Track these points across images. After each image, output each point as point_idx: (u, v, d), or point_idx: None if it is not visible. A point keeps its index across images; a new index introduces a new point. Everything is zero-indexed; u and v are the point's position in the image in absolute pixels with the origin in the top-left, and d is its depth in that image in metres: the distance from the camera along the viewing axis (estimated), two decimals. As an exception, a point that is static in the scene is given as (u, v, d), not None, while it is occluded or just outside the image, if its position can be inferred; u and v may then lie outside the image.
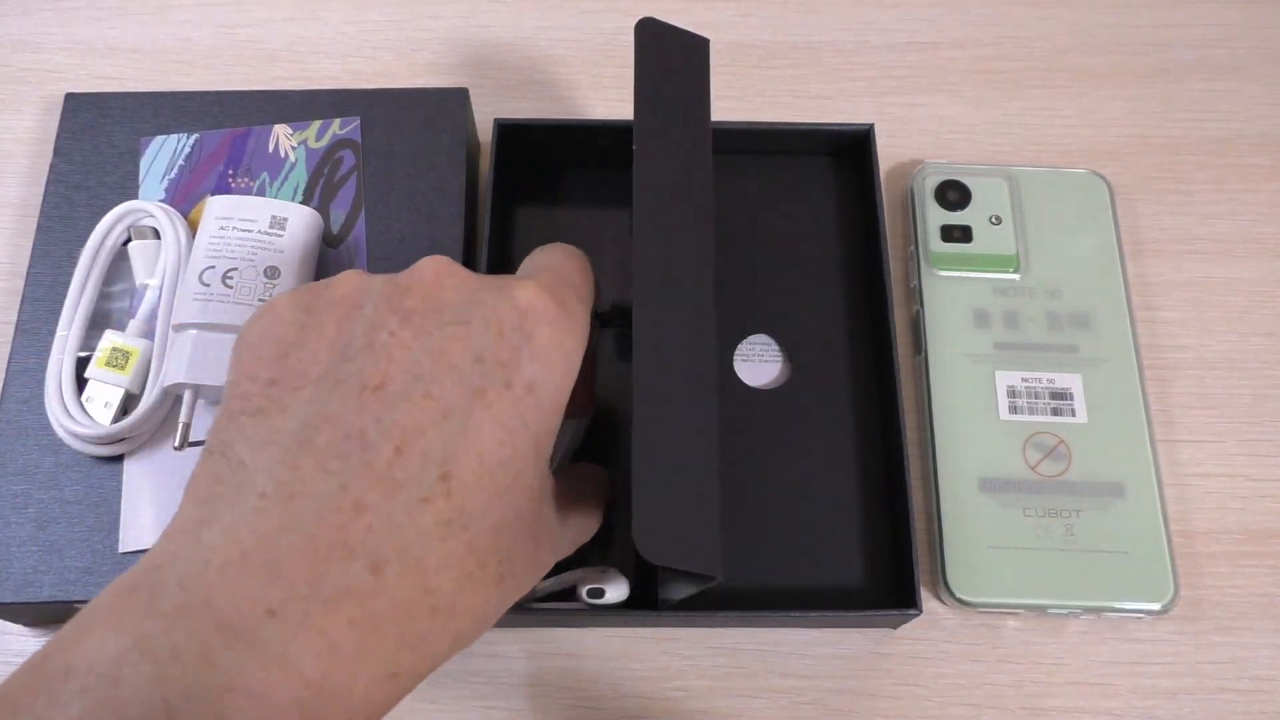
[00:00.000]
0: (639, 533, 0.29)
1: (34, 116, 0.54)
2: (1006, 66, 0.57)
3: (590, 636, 0.44)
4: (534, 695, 0.43)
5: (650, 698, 0.43)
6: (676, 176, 0.36)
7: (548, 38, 0.56)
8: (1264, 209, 0.53)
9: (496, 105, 0.54)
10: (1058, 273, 0.49)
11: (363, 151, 0.49)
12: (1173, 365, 0.49)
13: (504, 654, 0.44)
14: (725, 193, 0.51)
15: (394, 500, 0.24)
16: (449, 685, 0.43)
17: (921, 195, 0.51)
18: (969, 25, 0.57)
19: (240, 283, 0.42)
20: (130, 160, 0.48)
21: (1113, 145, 0.54)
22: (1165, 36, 0.57)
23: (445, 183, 0.48)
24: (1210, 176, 0.54)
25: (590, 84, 0.55)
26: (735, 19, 0.57)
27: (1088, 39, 0.57)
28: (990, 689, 0.43)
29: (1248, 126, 0.55)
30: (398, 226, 0.47)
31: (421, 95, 0.50)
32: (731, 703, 0.43)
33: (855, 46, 0.57)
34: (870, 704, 0.43)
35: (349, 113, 0.49)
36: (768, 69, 0.56)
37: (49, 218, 0.47)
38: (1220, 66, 0.57)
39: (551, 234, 0.50)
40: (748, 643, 0.44)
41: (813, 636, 0.44)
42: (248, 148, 0.49)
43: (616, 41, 0.56)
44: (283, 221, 0.44)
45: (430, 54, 0.56)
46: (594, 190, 0.51)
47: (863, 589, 0.44)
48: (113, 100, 0.50)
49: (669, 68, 0.38)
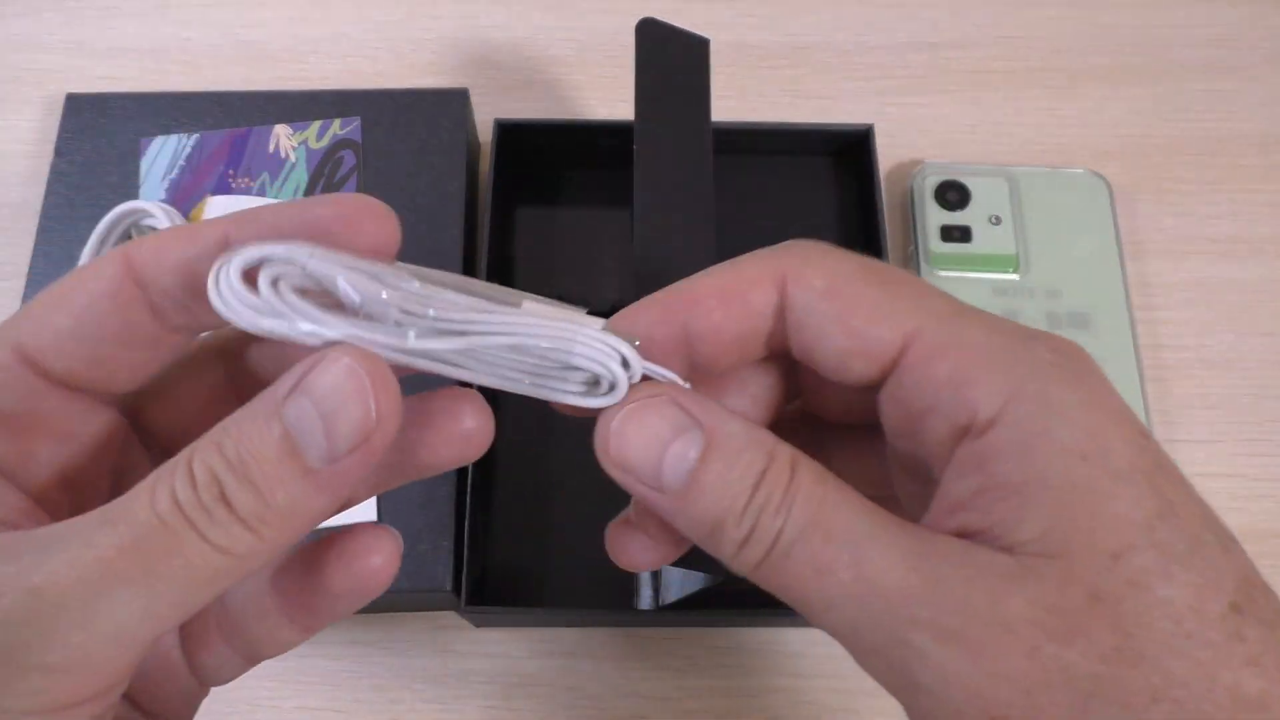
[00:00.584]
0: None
1: (35, 117, 0.54)
2: (1006, 66, 0.57)
3: (590, 636, 0.44)
4: (534, 695, 0.43)
5: (650, 698, 0.43)
6: (676, 176, 0.36)
7: (548, 38, 0.57)
8: (1264, 209, 0.53)
9: (496, 105, 0.54)
10: (1057, 273, 0.49)
11: (363, 152, 0.49)
12: (1173, 365, 0.49)
13: (504, 654, 0.44)
14: (725, 193, 0.51)
15: None
16: (449, 685, 0.43)
17: (921, 195, 0.51)
18: (969, 25, 0.57)
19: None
20: (131, 160, 0.48)
21: (1113, 145, 0.54)
22: (1165, 37, 0.57)
23: (445, 183, 0.48)
24: (1210, 176, 0.54)
25: (590, 84, 0.55)
26: (735, 19, 0.57)
27: (1088, 39, 0.57)
28: (990, 689, 0.43)
29: (1248, 126, 0.55)
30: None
31: (421, 95, 0.50)
32: (731, 703, 0.43)
33: (855, 46, 0.57)
34: (870, 704, 0.43)
35: (349, 113, 0.49)
36: (768, 69, 0.56)
37: (50, 218, 0.47)
38: (1220, 67, 0.57)
39: (551, 234, 0.50)
40: (748, 643, 0.44)
41: (813, 636, 0.44)
42: (248, 148, 0.49)
43: (616, 41, 0.56)
44: (283, 222, 0.44)
45: (430, 54, 0.56)
46: (594, 190, 0.51)
47: (863, 589, 0.44)
48: (113, 100, 0.50)
49: (669, 68, 0.38)
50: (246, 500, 0.18)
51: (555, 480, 0.45)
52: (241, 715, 0.42)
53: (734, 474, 0.21)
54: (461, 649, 0.44)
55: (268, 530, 0.19)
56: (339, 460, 0.18)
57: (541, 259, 0.50)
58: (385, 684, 0.43)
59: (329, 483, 0.19)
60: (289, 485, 0.18)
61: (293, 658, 0.43)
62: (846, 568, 0.20)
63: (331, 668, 0.43)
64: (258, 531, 0.18)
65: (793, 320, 0.22)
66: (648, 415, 0.21)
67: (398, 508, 0.42)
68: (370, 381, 0.18)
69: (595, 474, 0.22)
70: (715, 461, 0.21)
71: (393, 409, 0.19)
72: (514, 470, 0.46)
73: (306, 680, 0.43)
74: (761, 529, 0.20)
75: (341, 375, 0.18)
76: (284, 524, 0.19)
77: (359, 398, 0.18)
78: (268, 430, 0.18)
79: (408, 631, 0.44)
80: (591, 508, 0.44)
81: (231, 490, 0.18)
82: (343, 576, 0.23)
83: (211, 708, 0.26)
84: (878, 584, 0.20)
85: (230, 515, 0.18)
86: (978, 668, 0.19)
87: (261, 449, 0.18)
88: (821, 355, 0.22)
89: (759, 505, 0.20)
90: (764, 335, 0.23)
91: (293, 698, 0.43)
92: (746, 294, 0.22)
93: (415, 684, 0.43)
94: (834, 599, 0.20)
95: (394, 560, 0.23)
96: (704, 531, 0.21)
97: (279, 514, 0.18)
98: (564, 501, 0.45)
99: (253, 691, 0.43)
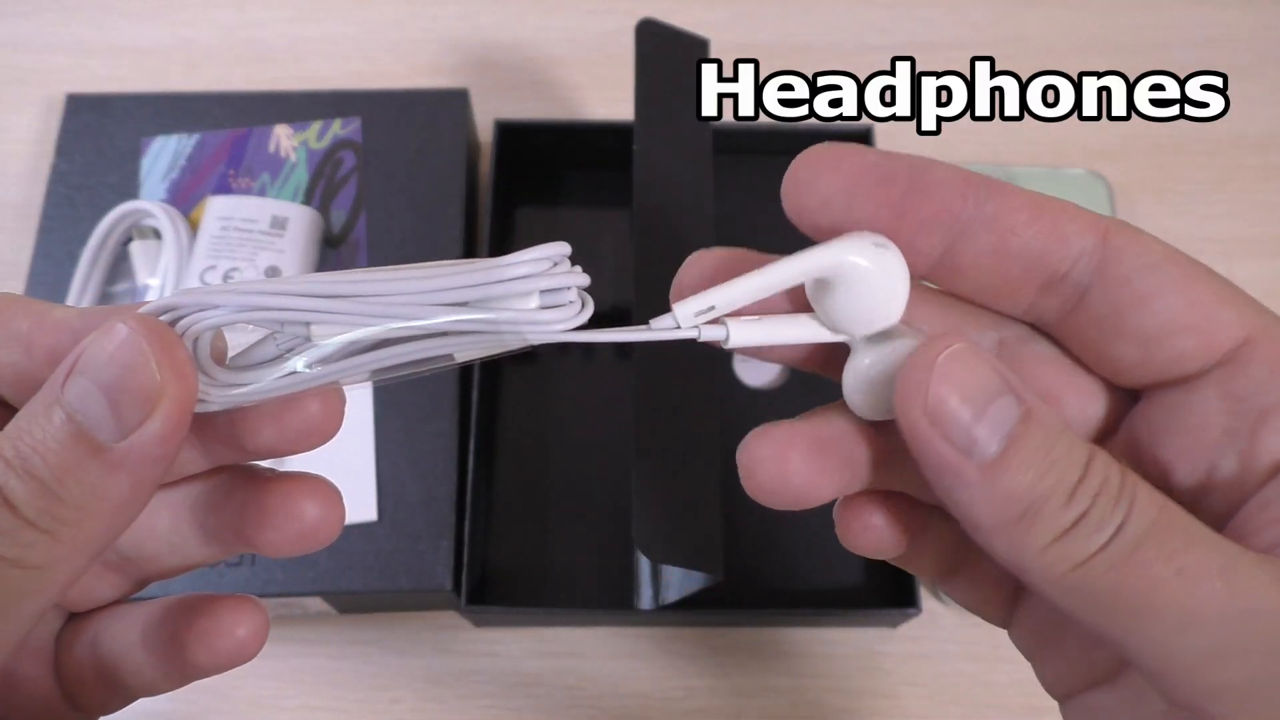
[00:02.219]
0: (639, 532, 0.29)
1: (35, 117, 0.54)
2: (1006, 66, 0.56)
3: (590, 636, 0.44)
4: (534, 695, 0.43)
5: (650, 697, 0.43)
6: (676, 176, 0.36)
7: (548, 38, 0.57)
8: (1264, 209, 0.53)
9: (496, 105, 0.54)
10: (1057, 273, 0.49)
11: (363, 152, 0.49)
12: (1172, 365, 0.49)
13: (504, 654, 0.44)
14: (725, 193, 0.51)
15: None
16: (450, 684, 0.43)
17: (921, 195, 0.51)
18: (969, 25, 0.57)
19: (241, 283, 0.43)
20: (131, 160, 0.48)
21: (1113, 145, 0.54)
22: (1165, 37, 0.57)
23: (445, 183, 0.48)
24: (1210, 176, 0.54)
25: (590, 84, 0.55)
26: (735, 19, 0.57)
27: (1088, 39, 0.57)
28: (990, 688, 0.43)
29: (1248, 127, 0.55)
30: (398, 226, 0.47)
31: (421, 95, 0.50)
32: (731, 702, 0.43)
33: (855, 46, 0.57)
34: (870, 704, 0.43)
35: (349, 113, 0.49)
36: (768, 69, 0.56)
37: (50, 218, 0.47)
38: (1220, 67, 0.56)
39: (551, 234, 0.50)
40: (748, 643, 0.44)
41: (813, 636, 0.44)
42: (248, 148, 0.49)
43: (616, 41, 0.56)
44: (283, 222, 0.44)
45: (430, 54, 0.56)
46: (594, 190, 0.51)
47: (862, 588, 0.44)
48: (114, 101, 0.50)
49: (669, 68, 0.38)
50: (32, 498, 0.16)
51: (555, 480, 0.45)
52: (242, 714, 0.42)
53: (1059, 450, 0.17)
54: (461, 649, 0.44)
55: (66, 529, 0.16)
56: (133, 432, 0.16)
57: (541, 259, 0.50)
58: (386, 683, 0.43)
59: (126, 459, 0.17)
60: (80, 471, 0.16)
61: (293, 657, 0.43)
62: (1218, 574, 0.16)
63: (332, 667, 0.43)
64: (54, 532, 0.16)
65: (1114, 274, 0.19)
66: (972, 364, 0.18)
67: (398, 508, 0.42)
68: (149, 342, 0.17)
69: (595, 474, 0.22)
70: (1037, 431, 0.17)
71: (180, 367, 0.17)
72: (514, 470, 0.46)
73: (308, 679, 0.43)
74: (1096, 517, 0.17)
75: (116, 343, 0.17)
76: (84, 519, 0.17)
77: (140, 360, 0.16)
78: (47, 417, 0.16)
79: (408, 631, 0.44)
80: (592, 508, 0.45)
81: (13, 490, 0.16)
82: (206, 652, 0.21)
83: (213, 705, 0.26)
84: (1262, 603, 0.16)
85: (16, 519, 0.16)
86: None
87: (43, 438, 0.16)
88: (1138, 326, 0.19)
89: (1093, 488, 0.17)
90: (1044, 281, 0.19)
91: (294, 697, 0.43)
92: (1064, 220, 0.19)
93: (415, 683, 0.43)
94: (1202, 613, 0.16)
95: (261, 629, 0.21)
96: (1012, 513, 0.17)
97: (75, 508, 0.16)
98: (564, 501, 0.45)
99: (254, 690, 0.43)
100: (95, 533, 0.17)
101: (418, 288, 0.17)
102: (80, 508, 0.16)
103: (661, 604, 0.41)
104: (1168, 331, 0.19)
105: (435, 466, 0.42)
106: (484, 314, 0.17)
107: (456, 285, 0.17)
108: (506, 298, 0.17)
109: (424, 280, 0.17)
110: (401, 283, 0.17)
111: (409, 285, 0.17)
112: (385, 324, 0.17)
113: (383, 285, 0.17)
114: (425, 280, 0.17)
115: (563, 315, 0.17)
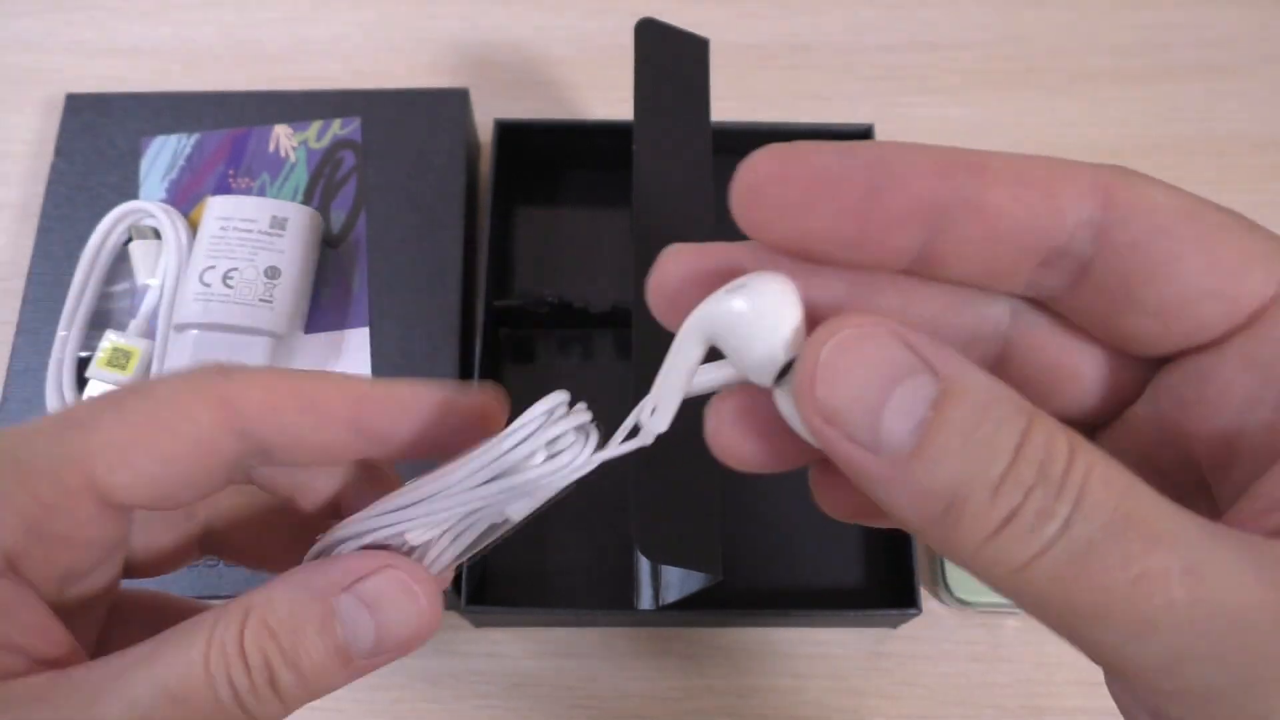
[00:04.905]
0: (639, 532, 0.29)
1: (35, 116, 0.54)
2: (1006, 66, 0.57)
3: (590, 636, 0.44)
4: (534, 695, 0.43)
5: (650, 698, 0.43)
6: (676, 176, 0.36)
7: (548, 38, 0.57)
8: (1264, 209, 0.53)
9: (496, 105, 0.54)
10: (1057, 273, 0.49)
11: (363, 152, 0.49)
12: (1172, 365, 0.49)
13: (504, 654, 0.44)
14: (725, 193, 0.51)
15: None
16: (449, 685, 0.43)
17: (921, 195, 0.50)
18: (969, 25, 0.57)
19: (241, 282, 0.43)
20: (131, 160, 0.48)
21: (1113, 145, 0.54)
22: (1165, 37, 0.57)
23: (445, 183, 0.48)
24: (1210, 176, 0.54)
25: (590, 84, 0.55)
26: (735, 19, 0.57)
27: (1088, 39, 0.57)
28: (990, 689, 0.43)
29: (1248, 127, 0.55)
30: (398, 226, 0.47)
31: (421, 95, 0.50)
32: (731, 702, 0.43)
33: (855, 46, 0.57)
34: (870, 704, 0.43)
35: (349, 113, 0.49)
36: (767, 69, 0.56)
37: (50, 218, 0.47)
38: (1220, 67, 0.56)
39: (551, 234, 0.50)
40: (748, 643, 0.44)
41: (813, 636, 0.44)
42: (248, 148, 0.49)
43: (616, 41, 0.56)
44: (283, 222, 0.44)
45: (430, 54, 0.56)
46: (594, 190, 0.51)
47: (863, 589, 0.44)
48: (114, 100, 0.50)
49: (669, 68, 0.38)
50: (291, 684, 0.19)
51: (555, 480, 0.45)
52: (242, 715, 0.42)
53: (982, 431, 0.15)
54: (461, 649, 0.44)
55: (295, 704, 0.20)
56: (378, 656, 0.20)
57: (541, 259, 0.50)
58: (385, 684, 0.43)
59: (361, 670, 0.20)
60: (332, 676, 0.20)
61: (293, 657, 0.43)
62: (1180, 580, 0.14)
63: (331, 667, 0.43)
64: (287, 704, 0.20)
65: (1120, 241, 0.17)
66: (866, 347, 0.15)
67: (398, 507, 0.42)
68: (420, 590, 0.20)
69: (595, 474, 0.22)
70: (955, 413, 0.15)
71: (436, 616, 0.21)
72: (514, 470, 0.46)
73: (306, 680, 0.43)
74: (1033, 511, 0.15)
75: (397, 587, 0.20)
76: (310, 699, 0.20)
77: (412, 604, 0.20)
78: (324, 632, 0.20)
79: (408, 631, 0.44)
80: (591, 508, 0.45)
81: (280, 676, 0.19)
82: None
83: (211, 707, 0.26)
84: (1225, 605, 0.14)
85: (273, 694, 0.19)
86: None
87: (313, 646, 0.20)
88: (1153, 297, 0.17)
89: (1026, 477, 0.15)
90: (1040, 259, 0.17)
91: (293, 697, 0.43)
92: (1056, 188, 0.17)
93: (415, 684, 0.43)
94: (1160, 622, 0.14)
95: None
96: (933, 510, 0.15)
97: (312, 694, 0.20)
98: (564, 501, 0.45)
99: (253, 691, 0.43)
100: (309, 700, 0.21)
101: (456, 479, 0.20)
102: (314, 694, 0.20)
103: (661, 604, 0.40)
104: (1187, 299, 0.17)
105: (435, 466, 0.42)
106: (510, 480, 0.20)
107: (480, 466, 0.20)
108: (520, 462, 0.20)
109: (459, 471, 0.20)
110: (444, 479, 0.20)
111: (450, 480, 0.20)
112: (453, 511, 0.20)
113: (434, 486, 0.20)
114: (460, 471, 0.20)
115: (567, 459, 0.20)
